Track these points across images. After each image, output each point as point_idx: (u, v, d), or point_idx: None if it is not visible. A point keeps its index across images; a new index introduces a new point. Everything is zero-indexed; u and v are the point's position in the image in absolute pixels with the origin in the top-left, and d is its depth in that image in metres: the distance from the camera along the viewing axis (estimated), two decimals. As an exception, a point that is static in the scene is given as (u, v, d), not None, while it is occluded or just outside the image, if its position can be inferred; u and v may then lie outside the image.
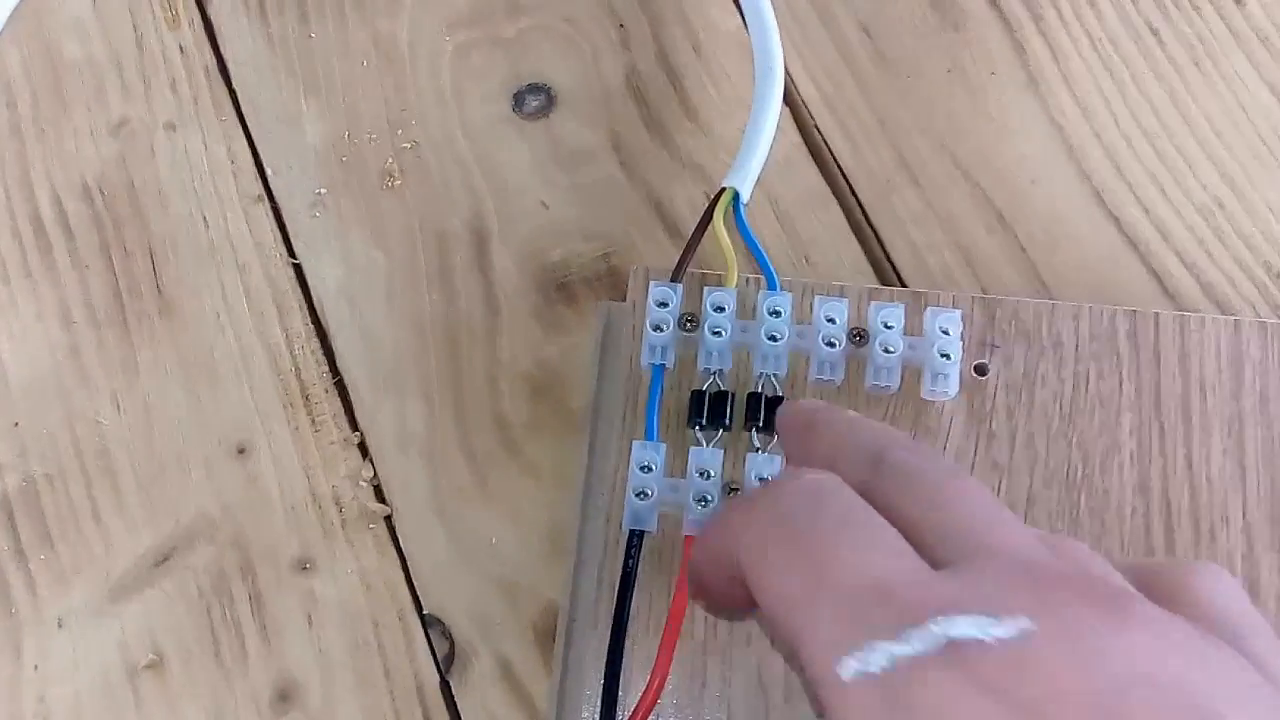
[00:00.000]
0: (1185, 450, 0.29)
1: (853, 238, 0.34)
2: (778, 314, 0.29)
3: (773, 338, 0.29)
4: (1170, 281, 0.33)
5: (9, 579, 0.30)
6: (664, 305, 0.30)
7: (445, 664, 0.29)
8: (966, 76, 0.36)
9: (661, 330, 0.29)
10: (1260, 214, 0.34)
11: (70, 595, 0.29)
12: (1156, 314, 0.30)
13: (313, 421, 0.32)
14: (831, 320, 0.29)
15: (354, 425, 0.32)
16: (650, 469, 0.28)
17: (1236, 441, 0.29)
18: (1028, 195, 0.34)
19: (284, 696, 0.28)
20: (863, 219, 0.34)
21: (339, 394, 0.32)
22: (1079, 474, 0.28)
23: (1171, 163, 0.34)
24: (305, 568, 0.30)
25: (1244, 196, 0.34)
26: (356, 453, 0.31)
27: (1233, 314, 0.32)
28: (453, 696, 0.29)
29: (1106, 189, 0.34)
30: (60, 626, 0.29)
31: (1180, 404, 0.29)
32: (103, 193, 0.35)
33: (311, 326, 0.33)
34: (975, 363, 0.30)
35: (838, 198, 0.35)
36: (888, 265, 0.34)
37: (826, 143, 0.35)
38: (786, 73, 0.36)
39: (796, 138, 0.36)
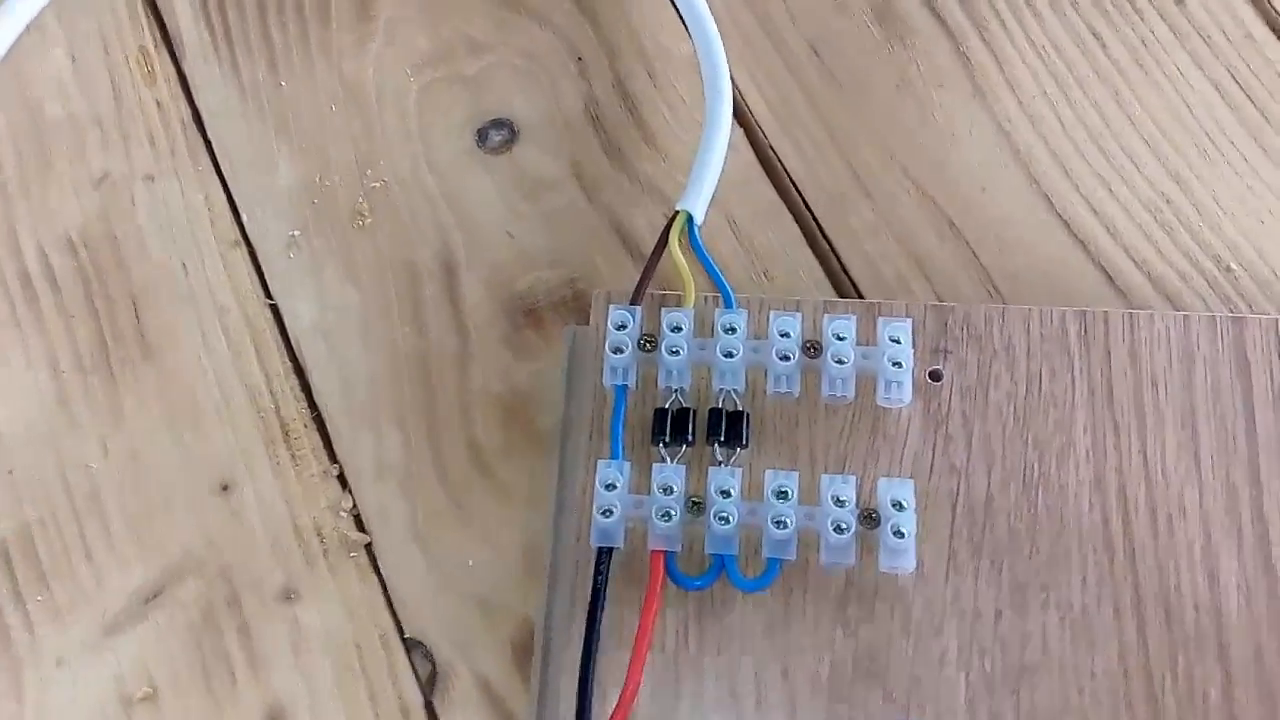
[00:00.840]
0: (1140, 445, 0.29)
1: (809, 251, 0.35)
2: (733, 330, 0.30)
3: (729, 354, 0.30)
4: (1121, 279, 0.33)
5: (8, 620, 0.31)
6: (623, 328, 0.31)
7: (428, 685, 0.30)
8: (914, 89, 0.37)
9: (621, 352, 0.30)
10: (1208, 209, 0.34)
11: (67, 633, 0.31)
12: (1105, 313, 0.31)
13: (293, 456, 0.33)
14: (785, 335, 0.30)
15: (333, 457, 0.33)
16: (614, 486, 0.29)
17: (1190, 434, 0.29)
18: (978, 202, 0.35)
19: (271, 723, 0.29)
20: (818, 233, 0.35)
21: (317, 428, 0.33)
22: (1035, 472, 0.29)
23: (1118, 163, 0.35)
24: (289, 597, 0.31)
25: (1191, 192, 0.35)
26: (336, 484, 0.32)
27: (1184, 309, 0.33)
28: (436, 715, 0.30)
29: (1055, 192, 0.35)
30: (59, 665, 0.30)
31: (1133, 400, 0.30)
32: (86, 245, 0.36)
33: (289, 364, 0.34)
34: (930, 369, 0.31)
35: (793, 213, 0.36)
36: (844, 277, 0.35)
37: (780, 160, 0.36)
38: (739, 94, 0.37)
39: (751, 156, 0.37)
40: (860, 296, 0.34)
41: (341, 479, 0.33)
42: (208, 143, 0.38)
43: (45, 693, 0.30)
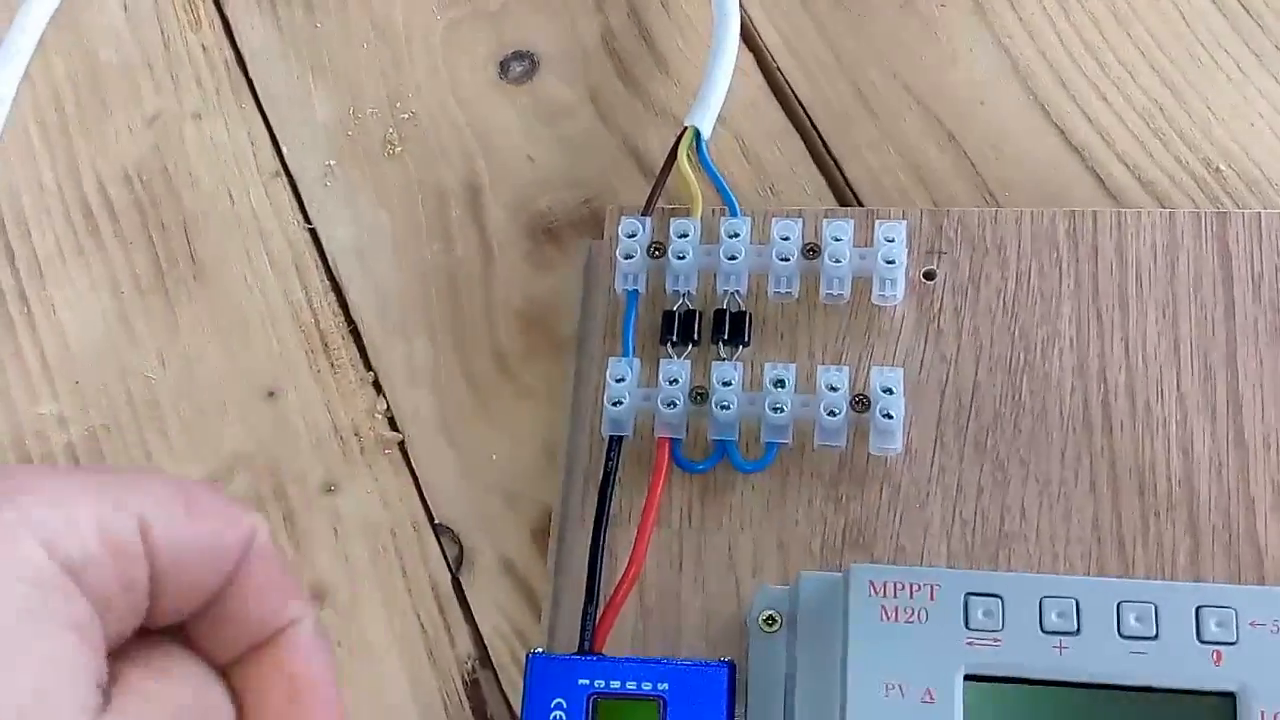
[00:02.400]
0: (1122, 333, 0.31)
1: (814, 167, 0.37)
2: (736, 235, 0.32)
3: (732, 257, 0.32)
4: (1113, 183, 0.35)
5: (78, 514, 0.34)
6: (633, 236, 0.33)
7: (455, 564, 0.32)
8: (917, 9, 0.38)
9: (632, 258, 0.32)
10: (1200, 114, 0.35)
11: (130, 524, 0.34)
12: (1094, 212, 0.32)
13: (332, 365, 0.36)
14: (786, 238, 0.32)
15: (368, 365, 0.35)
16: (624, 380, 0.31)
17: (1171, 323, 0.31)
18: (976, 115, 0.36)
19: (316, 598, 0.32)
20: (823, 149, 0.37)
21: (354, 339, 0.36)
22: (1021, 361, 0.31)
23: (1114, 73, 0.36)
24: (330, 490, 0.34)
25: (1183, 99, 0.36)
26: (371, 389, 0.35)
27: (1174, 209, 0.34)
28: (463, 591, 0.32)
29: (1051, 103, 0.36)
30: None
31: (1117, 292, 0.31)
32: (141, 178, 0.39)
33: (328, 282, 0.37)
34: (925, 269, 0.32)
35: (799, 132, 0.37)
36: (847, 190, 0.36)
37: (788, 82, 0.38)
38: (750, 20, 0.39)
39: (760, 80, 0.38)
40: (862, 207, 0.36)
41: (376, 384, 0.35)
42: (250, 82, 0.40)
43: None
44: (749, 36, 0.39)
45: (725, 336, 0.32)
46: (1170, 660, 0.23)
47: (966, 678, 0.23)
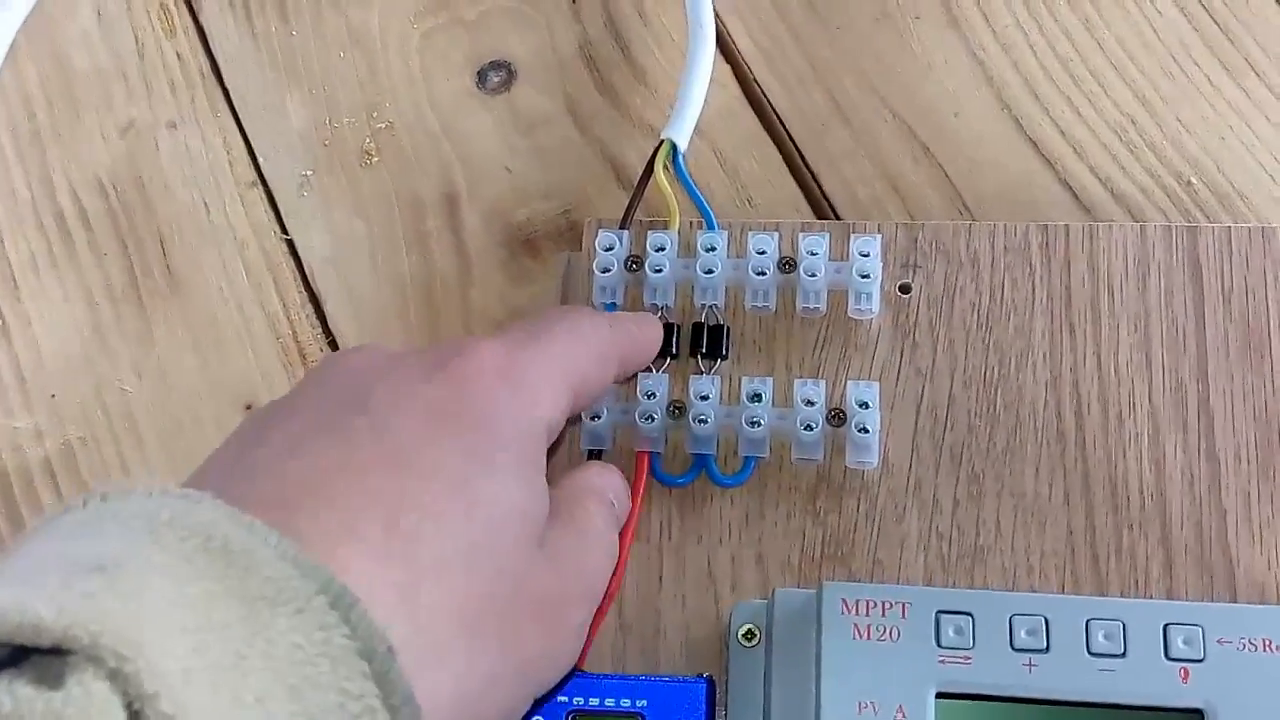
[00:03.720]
0: (1094, 346, 0.31)
1: (790, 178, 0.37)
2: (713, 249, 0.32)
3: (709, 271, 0.32)
4: (1085, 196, 0.35)
5: (53, 529, 0.34)
6: (610, 249, 0.33)
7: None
8: (893, 21, 0.38)
9: (609, 271, 0.33)
10: (1171, 128, 0.36)
11: (106, 539, 0.34)
12: (1067, 226, 0.33)
13: (309, 377, 0.35)
14: (762, 252, 0.32)
15: (346, 378, 0.35)
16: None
17: (1143, 335, 0.31)
18: (951, 127, 0.37)
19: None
20: (799, 159, 0.37)
21: (332, 350, 0.36)
22: (995, 374, 0.31)
23: (1086, 86, 0.37)
24: (308, 504, 0.34)
25: (1155, 112, 0.36)
26: (349, 402, 0.35)
27: (1145, 222, 0.34)
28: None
29: (1024, 116, 0.36)
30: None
31: (1090, 305, 0.32)
32: (115, 188, 0.39)
33: (304, 293, 0.37)
34: (900, 283, 0.33)
35: (775, 142, 0.37)
36: (823, 201, 0.36)
37: (764, 92, 0.38)
38: (727, 31, 0.39)
39: (736, 90, 0.38)
40: (838, 219, 0.36)
41: (354, 397, 0.35)
42: (225, 90, 0.40)
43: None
44: (726, 48, 0.39)
45: (703, 350, 0.32)
46: (1138, 678, 0.23)
47: (938, 696, 0.23)
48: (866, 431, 0.29)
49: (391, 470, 0.22)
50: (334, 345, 0.36)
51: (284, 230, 0.38)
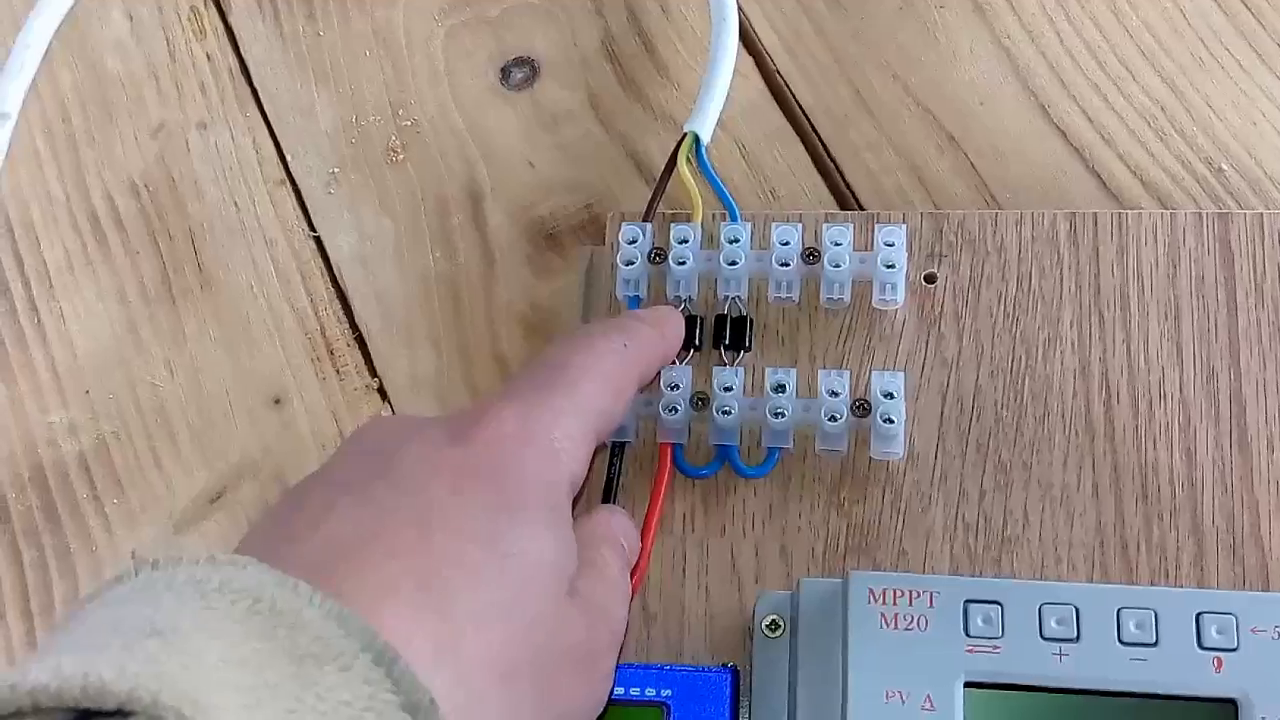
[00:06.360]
0: (1124, 336, 0.31)
1: (814, 170, 0.37)
2: (736, 241, 0.32)
3: (732, 263, 0.32)
4: (1114, 183, 0.35)
5: (89, 521, 0.34)
6: (633, 242, 0.33)
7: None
8: (916, 10, 0.38)
9: (632, 264, 0.33)
10: (1201, 113, 0.35)
11: (140, 532, 0.34)
12: (1095, 214, 0.32)
13: (337, 372, 0.36)
14: (786, 243, 0.32)
15: (373, 372, 0.36)
16: (626, 386, 0.31)
17: (1173, 324, 0.31)
18: (976, 116, 0.36)
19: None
20: (823, 152, 0.37)
21: (359, 346, 0.36)
22: (1022, 364, 0.31)
23: (1114, 72, 0.36)
24: (336, 498, 0.34)
25: (1185, 98, 0.35)
26: (376, 396, 0.35)
27: (1175, 209, 0.34)
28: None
29: (1051, 103, 0.36)
30: (133, 558, 0.34)
31: (1119, 294, 0.31)
32: (147, 188, 0.39)
33: (332, 290, 0.37)
34: (925, 273, 0.32)
35: (799, 135, 0.37)
36: (847, 192, 0.36)
37: (788, 85, 0.38)
38: (749, 24, 0.39)
39: (760, 84, 0.38)
40: (861, 210, 0.36)
41: (381, 391, 0.35)
42: (254, 91, 0.40)
43: (124, 584, 0.34)
44: (748, 40, 0.39)
45: (726, 342, 0.32)
46: (1171, 667, 0.23)
47: (966, 685, 0.23)
48: (892, 422, 0.29)
49: (423, 530, 0.23)
50: (360, 341, 0.36)
51: (311, 228, 0.38)
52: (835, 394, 0.30)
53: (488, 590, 0.22)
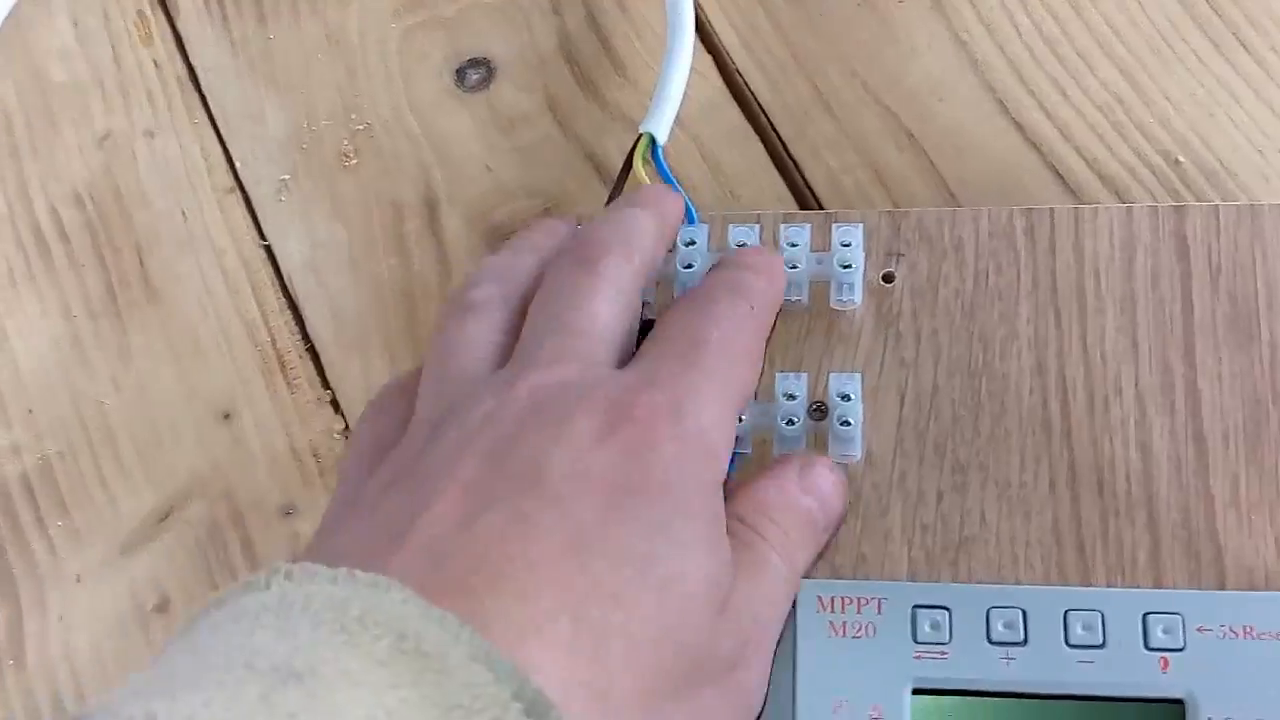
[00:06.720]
0: (1080, 331, 0.30)
1: (774, 169, 0.36)
2: (693, 243, 0.32)
3: (688, 266, 0.32)
4: (1071, 178, 0.34)
5: (33, 544, 0.34)
6: (587, 245, 0.32)
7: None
8: (875, 6, 0.38)
9: (586, 268, 0.32)
10: (1159, 106, 0.35)
11: (85, 554, 0.33)
12: (1051, 209, 0.32)
13: (289, 384, 0.35)
14: (742, 244, 0.32)
15: (325, 384, 0.35)
16: (580, 393, 0.30)
17: (1129, 319, 0.30)
18: (935, 112, 0.36)
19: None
20: (782, 150, 0.37)
21: (311, 358, 0.35)
22: (980, 362, 0.30)
23: (1072, 66, 0.36)
24: (289, 513, 0.33)
25: (1142, 91, 0.35)
26: (329, 409, 0.35)
27: (1133, 203, 0.33)
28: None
29: (1010, 98, 0.36)
30: (79, 581, 0.33)
31: (1075, 289, 0.31)
32: (92, 199, 0.38)
33: (283, 300, 0.36)
34: (883, 272, 0.32)
35: (758, 133, 0.37)
36: (807, 192, 0.36)
37: (746, 83, 0.38)
38: (708, 22, 0.38)
39: (718, 82, 0.38)
40: (822, 209, 0.35)
41: (334, 404, 0.35)
42: (202, 97, 0.40)
43: (68, 607, 0.33)
44: (707, 38, 0.38)
45: (683, 345, 0.31)
46: (1118, 668, 0.23)
47: (915, 691, 0.23)
48: (849, 424, 0.29)
49: (577, 556, 0.21)
50: (313, 352, 0.36)
51: (262, 236, 0.37)
52: (792, 397, 0.29)
53: (644, 624, 0.21)
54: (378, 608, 0.19)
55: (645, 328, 0.30)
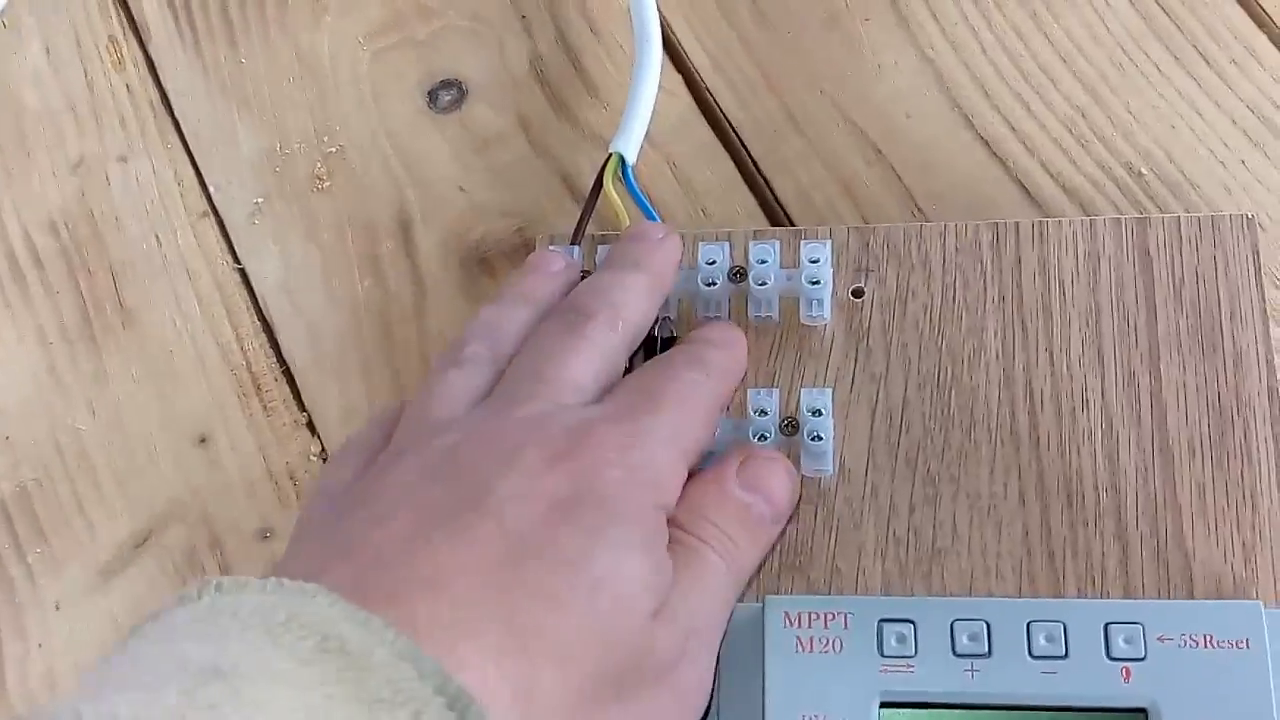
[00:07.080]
0: (1046, 343, 0.31)
1: (744, 186, 0.37)
2: (713, 263, 0.32)
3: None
4: (1037, 192, 0.35)
5: (11, 572, 0.34)
6: (560, 265, 0.32)
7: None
8: (842, 24, 0.38)
9: (560, 288, 0.32)
10: (1121, 119, 0.35)
11: (64, 580, 0.33)
12: (1016, 223, 0.32)
13: (264, 408, 0.35)
14: (712, 262, 0.32)
15: (301, 407, 0.35)
16: (555, 412, 0.30)
17: (1095, 330, 0.31)
18: (903, 128, 0.36)
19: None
20: (753, 168, 0.37)
21: (287, 380, 0.36)
22: (948, 375, 0.31)
23: (1036, 81, 0.36)
24: (266, 536, 0.33)
25: (1105, 104, 0.36)
26: (306, 431, 0.35)
27: (1097, 215, 0.34)
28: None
29: (975, 114, 0.36)
30: (58, 608, 0.33)
31: (1041, 302, 0.31)
32: (66, 225, 0.38)
33: (258, 323, 0.36)
34: (852, 288, 0.32)
35: (729, 151, 0.37)
36: (777, 208, 0.36)
37: (716, 101, 0.38)
38: (678, 41, 0.39)
39: (689, 100, 0.38)
40: (792, 225, 0.36)
41: (310, 426, 0.35)
42: (175, 122, 0.40)
43: (47, 634, 0.33)
44: (676, 57, 0.39)
45: (656, 362, 0.32)
46: (1080, 679, 0.23)
47: (882, 705, 0.23)
48: (820, 439, 0.29)
49: (512, 561, 0.22)
50: (288, 374, 0.36)
51: (236, 260, 0.37)
52: (764, 413, 0.30)
53: (576, 622, 0.22)
54: (304, 612, 0.20)
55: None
